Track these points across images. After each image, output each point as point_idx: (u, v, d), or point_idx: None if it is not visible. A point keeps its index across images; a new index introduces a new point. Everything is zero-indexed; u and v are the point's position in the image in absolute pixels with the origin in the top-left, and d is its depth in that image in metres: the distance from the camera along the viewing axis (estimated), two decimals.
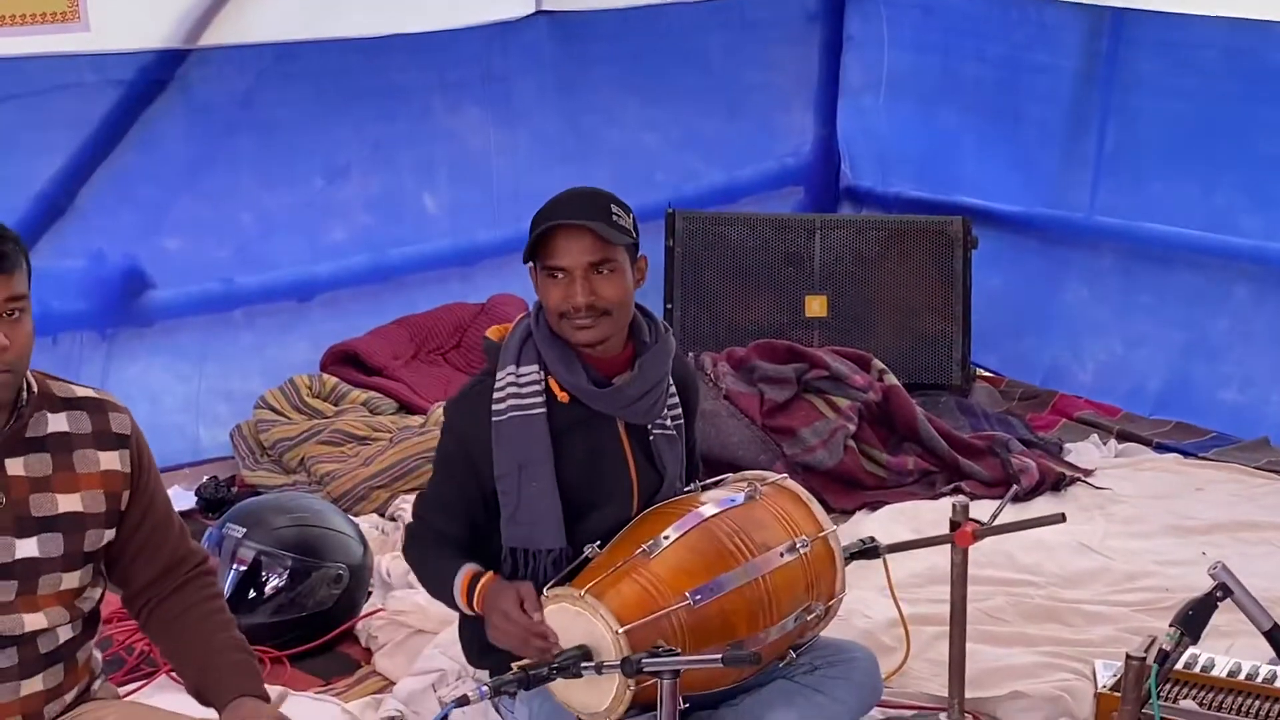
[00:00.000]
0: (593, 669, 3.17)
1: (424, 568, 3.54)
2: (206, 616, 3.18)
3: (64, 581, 3.02)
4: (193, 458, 5.64)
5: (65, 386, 3.09)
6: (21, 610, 2.97)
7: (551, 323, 3.43)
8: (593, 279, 3.37)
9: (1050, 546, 4.77)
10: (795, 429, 5.36)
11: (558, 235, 3.36)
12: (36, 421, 3.00)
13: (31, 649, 3.00)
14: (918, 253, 6.32)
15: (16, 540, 2.96)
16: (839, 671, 3.59)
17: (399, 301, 6.25)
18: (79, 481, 3.03)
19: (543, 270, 3.39)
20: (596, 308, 3.38)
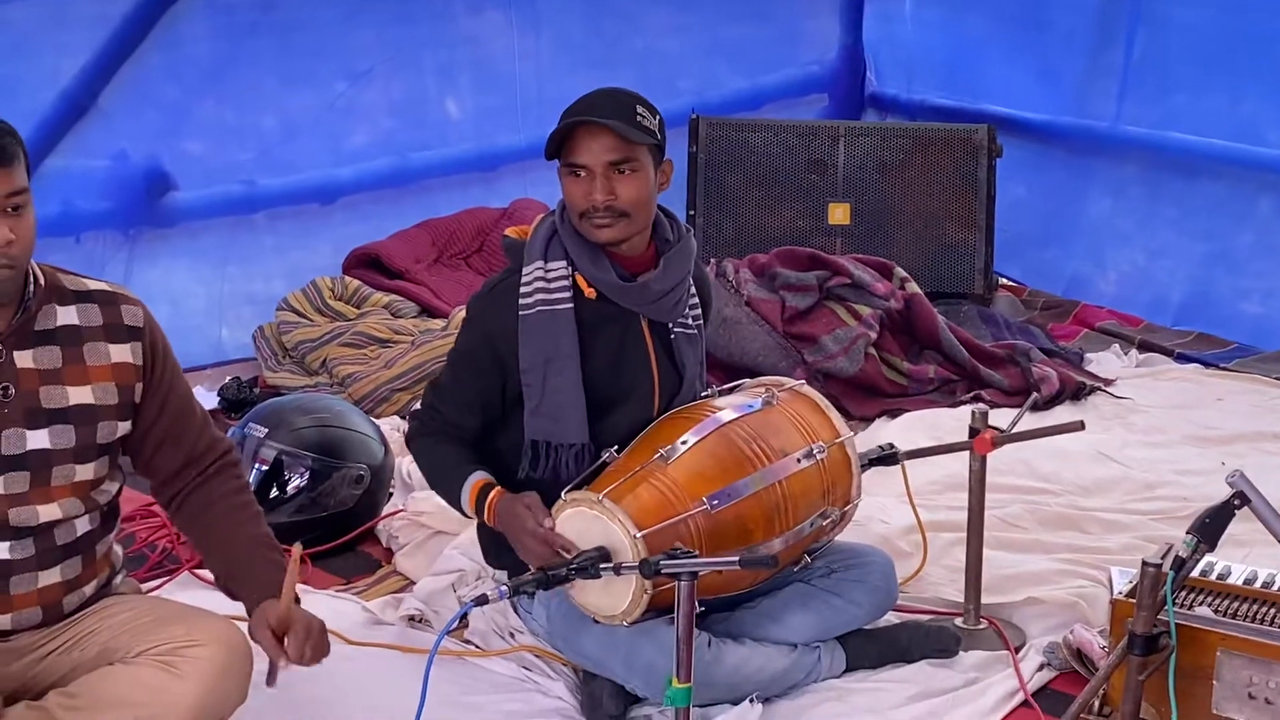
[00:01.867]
0: (611, 570, 3.20)
1: (430, 460, 3.55)
2: (234, 510, 3.21)
3: (77, 473, 3.04)
4: (215, 359, 5.67)
5: (77, 280, 3.10)
6: (35, 501, 3.00)
7: (574, 221, 3.43)
8: (613, 178, 3.37)
9: (1069, 455, 4.77)
10: (816, 336, 5.36)
11: (579, 133, 3.36)
12: (45, 314, 3.02)
13: (48, 540, 3.03)
14: (942, 161, 6.29)
15: (27, 431, 2.98)
16: (855, 575, 3.62)
17: (421, 205, 6.25)
18: (89, 373, 3.04)
19: (564, 167, 3.40)
20: (615, 208, 3.38)
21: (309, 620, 3.06)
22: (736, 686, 3.44)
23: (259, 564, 3.15)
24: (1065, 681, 3.62)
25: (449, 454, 3.52)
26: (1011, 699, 3.56)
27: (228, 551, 3.18)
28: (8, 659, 3.07)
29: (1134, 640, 3.06)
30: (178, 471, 3.20)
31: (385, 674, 3.61)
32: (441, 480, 3.54)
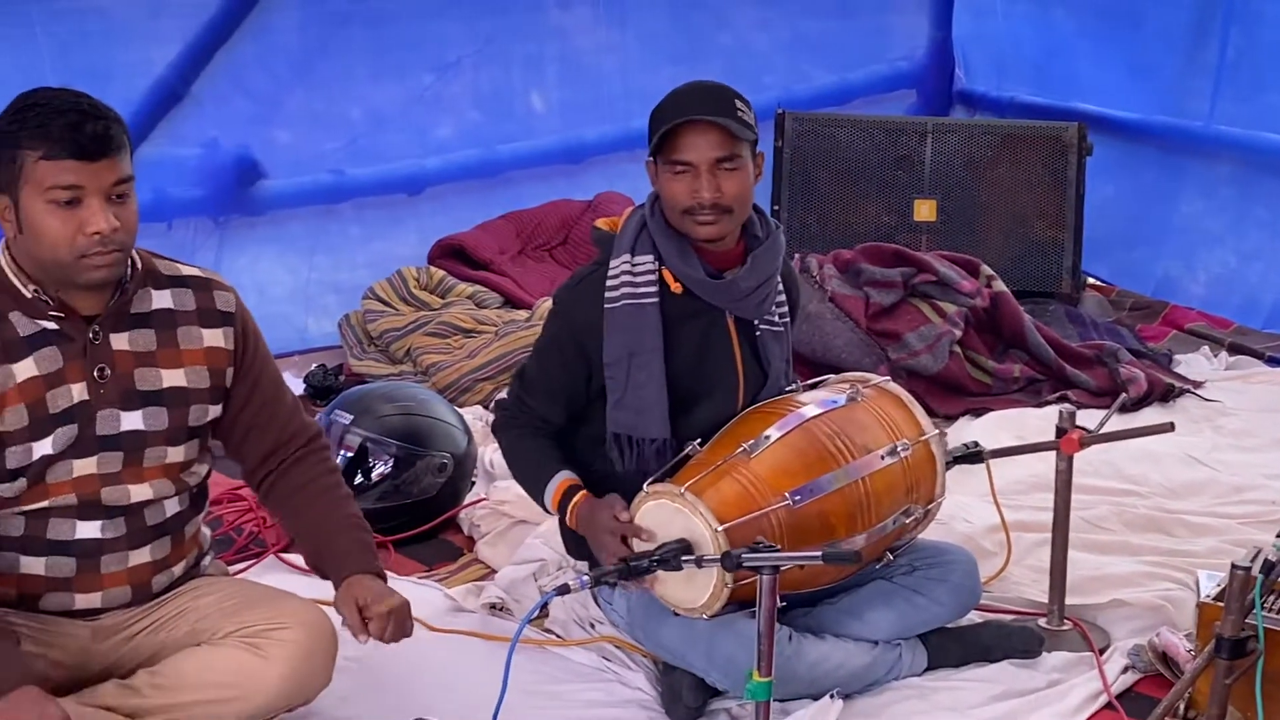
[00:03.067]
0: (692, 563, 3.20)
1: (516, 453, 3.57)
2: (324, 492, 3.24)
3: (169, 455, 3.08)
4: (301, 346, 5.72)
5: (171, 265, 3.14)
6: (127, 481, 3.04)
7: (672, 218, 3.43)
8: (718, 175, 3.36)
9: (1157, 457, 4.73)
10: (900, 333, 5.33)
11: (685, 130, 3.35)
12: (141, 298, 3.06)
13: (138, 520, 3.07)
14: (1031, 158, 6.25)
15: (122, 413, 3.02)
16: (938, 574, 3.60)
17: (506, 197, 6.28)
18: (182, 357, 3.08)
19: (666, 165, 3.39)
20: (720, 205, 3.38)
21: (394, 598, 3.08)
22: (816, 682, 3.44)
23: (348, 543, 3.18)
24: (1150, 685, 3.58)
25: (535, 448, 3.53)
26: (1095, 701, 3.53)
27: (318, 532, 3.21)
28: (97, 638, 3.12)
29: (1221, 644, 3.02)
30: (268, 455, 3.23)
31: (466, 661, 3.63)
32: (526, 475, 3.55)
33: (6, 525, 3.01)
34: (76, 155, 2.85)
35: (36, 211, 2.88)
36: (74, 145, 2.85)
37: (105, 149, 2.87)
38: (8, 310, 2.96)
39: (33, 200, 2.88)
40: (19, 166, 2.87)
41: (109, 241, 2.89)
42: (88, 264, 2.90)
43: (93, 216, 2.87)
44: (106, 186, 2.88)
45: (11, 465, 2.96)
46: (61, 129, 2.85)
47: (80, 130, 2.85)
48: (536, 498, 3.52)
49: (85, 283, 2.94)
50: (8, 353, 2.95)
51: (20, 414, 2.95)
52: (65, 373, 2.98)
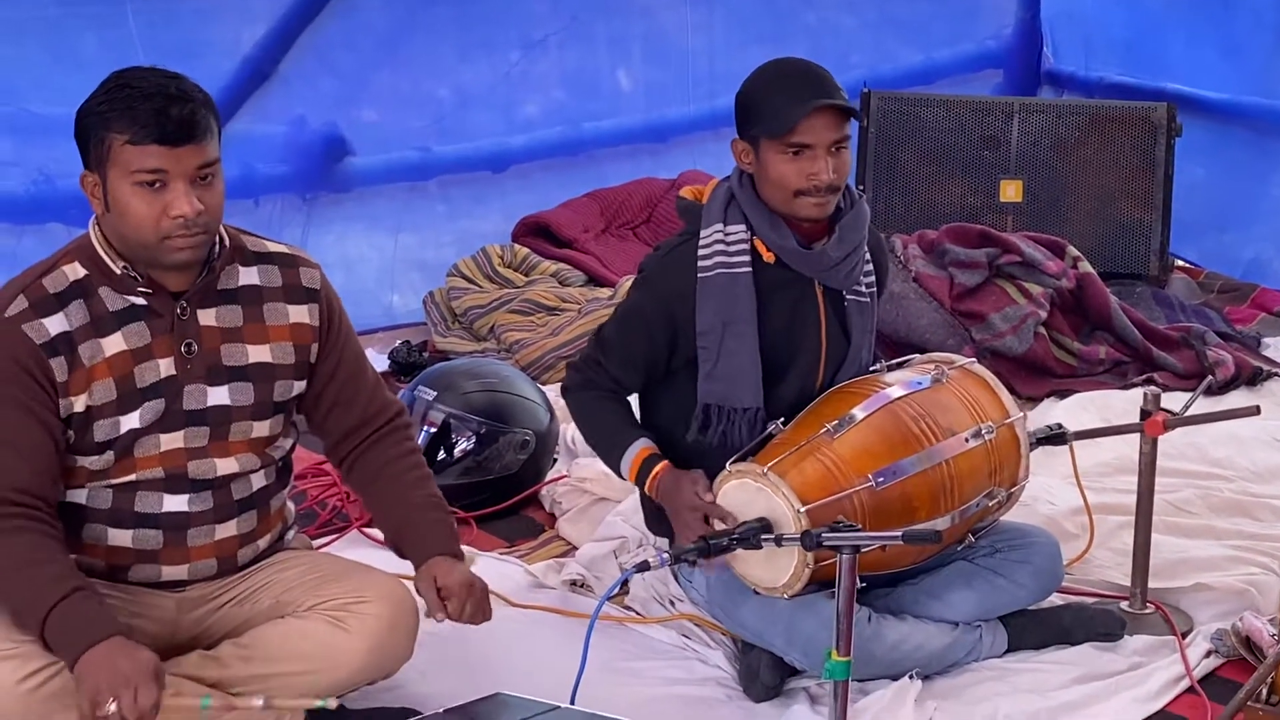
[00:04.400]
0: (772, 541, 3.20)
1: (590, 416, 3.56)
2: (405, 471, 3.27)
3: (254, 430, 3.12)
4: (386, 323, 5.76)
5: (258, 241, 3.17)
6: (214, 455, 3.09)
7: (777, 198, 3.42)
8: (833, 156, 3.36)
9: (1243, 441, 4.67)
10: (985, 314, 5.31)
11: (809, 115, 3.34)
12: (228, 274, 3.09)
13: (225, 494, 3.11)
14: (1119, 139, 6.18)
15: (208, 388, 3.06)
16: (1019, 556, 3.59)
17: (591, 176, 6.29)
18: (269, 333, 3.12)
19: (780, 146, 3.37)
20: (834, 185, 3.38)
21: (472, 581, 3.11)
22: (896, 663, 3.43)
23: (428, 524, 3.21)
24: (1232, 669, 3.55)
25: (612, 412, 3.53)
26: (1177, 685, 3.50)
27: (398, 511, 3.24)
28: (183, 609, 3.16)
29: None
30: (350, 432, 3.26)
31: (546, 636, 3.65)
32: (601, 438, 3.56)
33: (95, 498, 3.06)
34: (161, 140, 2.88)
35: (122, 192, 2.92)
36: (158, 130, 2.88)
37: (190, 134, 2.90)
38: (97, 285, 3.00)
39: (119, 181, 2.92)
40: (106, 147, 2.91)
41: (193, 224, 2.92)
42: (171, 245, 2.94)
43: (176, 200, 2.90)
44: (190, 171, 2.91)
45: (99, 438, 3.01)
46: (147, 114, 2.88)
47: (165, 115, 2.88)
48: (611, 462, 3.52)
49: (170, 263, 2.98)
50: (97, 327, 2.99)
51: (108, 388, 2.99)
52: (153, 348, 3.03)
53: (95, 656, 2.83)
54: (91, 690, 2.80)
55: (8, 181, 5.12)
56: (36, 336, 2.95)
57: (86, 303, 2.99)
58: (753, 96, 3.43)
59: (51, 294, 2.98)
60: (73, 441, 3.01)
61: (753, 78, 3.46)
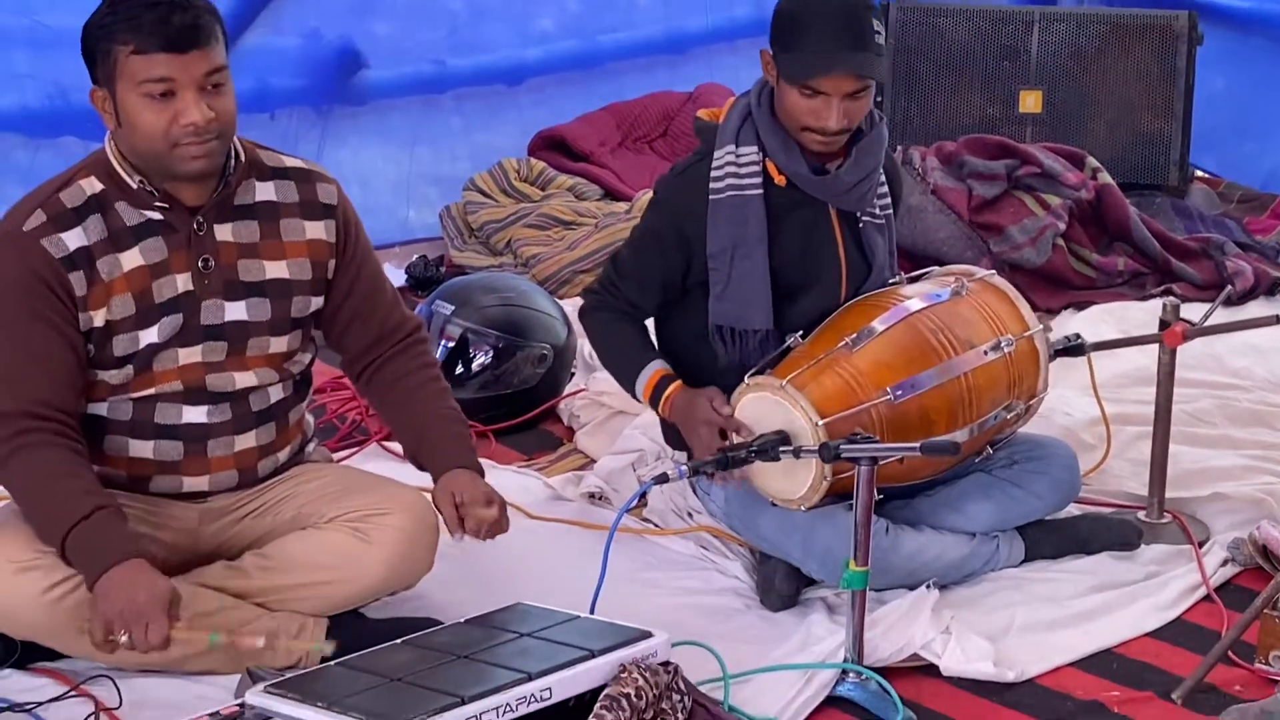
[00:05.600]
0: (790, 453, 3.21)
1: (606, 337, 3.57)
2: (423, 385, 3.27)
3: (272, 345, 3.13)
4: (402, 237, 5.75)
5: (274, 156, 3.17)
6: (232, 369, 3.10)
7: (786, 122, 3.39)
8: (847, 104, 3.33)
9: (1262, 351, 4.66)
10: (1003, 226, 5.29)
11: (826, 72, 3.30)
12: (245, 189, 3.09)
13: (244, 405, 3.13)
14: (1139, 49, 6.12)
15: (226, 303, 3.07)
16: (1037, 467, 3.59)
17: (607, 89, 6.25)
18: (286, 249, 3.12)
19: (797, 84, 3.33)
20: (845, 130, 3.36)
21: (490, 496, 3.12)
22: (913, 573, 3.45)
23: (446, 437, 3.22)
24: (1249, 578, 3.56)
25: (627, 334, 3.53)
26: (1193, 593, 3.52)
27: (416, 425, 3.25)
28: (206, 520, 3.19)
29: None
30: (368, 347, 3.27)
31: (565, 549, 3.67)
32: (616, 360, 3.56)
33: (115, 410, 3.08)
34: (166, 48, 2.87)
35: (132, 104, 2.91)
36: (163, 38, 2.87)
37: (195, 40, 2.89)
38: (114, 200, 3.00)
39: (128, 93, 2.91)
40: (113, 60, 2.90)
41: (204, 132, 2.92)
42: (183, 154, 2.93)
43: (186, 108, 2.90)
44: (199, 77, 2.91)
45: (119, 353, 3.02)
46: (151, 22, 2.87)
47: (168, 23, 2.87)
48: (626, 384, 3.53)
49: (183, 173, 2.98)
50: (115, 242, 2.99)
51: (127, 303, 3.00)
52: (170, 263, 3.03)
53: (113, 580, 2.85)
54: (105, 618, 2.83)
55: (23, 95, 5.10)
56: (55, 251, 2.95)
57: (104, 217, 2.99)
58: (790, 20, 3.36)
59: (69, 209, 2.98)
60: (92, 356, 3.02)
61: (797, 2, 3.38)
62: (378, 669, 2.81)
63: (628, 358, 3.53)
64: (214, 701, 2.89)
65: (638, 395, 3.50)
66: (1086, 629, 3.38)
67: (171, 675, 3.07)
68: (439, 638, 2.97)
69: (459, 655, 2.86)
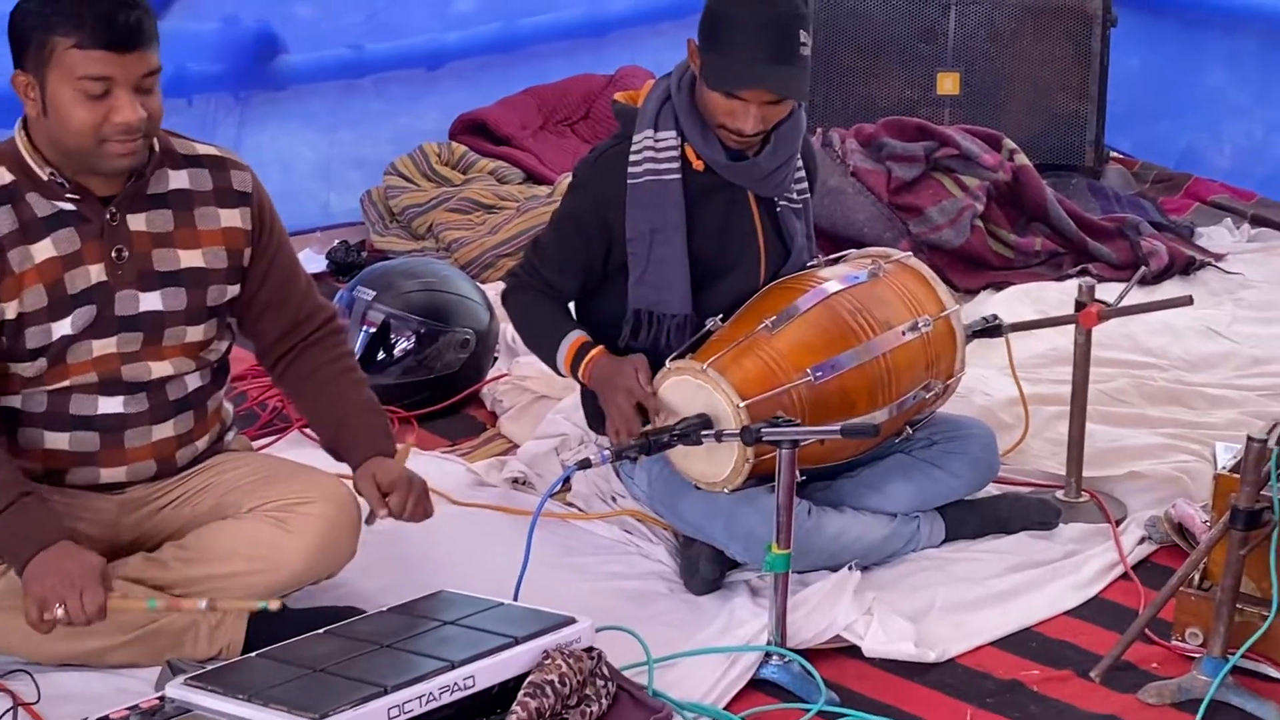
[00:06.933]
0: (712, 437, 3.23)
1: (527, 315, 3.59)
2: (339, 375, 3.26)
3: (188, 334, 3.11)
4: (323, 222, 5.71)
5: (187, 144, 3.14)
6: (148, 359, 3.08)
7: (706, 117, 3.40)
8: (766, 110, 3.34)
9: (1177, 330, 4.72)
10: (922, 207, 5.32)
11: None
12: (158, 178, 3.07)
13: (160, 395, 3.11)
14: (1054, 31, 6.16)
15: (140, 293, 3.05)
16: (956, 447, 3.62)
17: (528, 72, 6.22)
18: (200, 237, 3.10)
19: (720, 89, 3.33)
20: (760, 133, 3.38)
21: (413, 478, 3.12)
22: (835, 554, 3.47)
23: (364, 427, 3.21)
24: (1166, 555, 3.61)
25: (547, 310, 3.54)
26: (1111, 571, 3.56)
27: (334, 415, 3.24)
28: (124, 511, 3.16)
29: (1236, 515, 3.05)
30: (282, 335, 3.25)
31: (489, 534, 3.67)
32: (537, 335, 3.57)
33: (29, 402, 3.05)
34: (109, 46, 2.84)
35: (64, 98, 2.88)
36: (107, 36, 2.84)
37: (137, 40, 2.87)
38: (25, 191, 2.97)
39: (60, 86, 2.88)
40: (49, 51, 2.86)
41: (135, 131, 2.90)
42: (110, 151, 2.91)
43: (121, 108, 2.87)
44: (136, 78, 2.89)
45: (31, 345, 2.99)
46: (96, 18, 2.84)
47: (114, 21, 2.84)
48: (547, 358, 3.54)
49: (107, 169, 2.96)
50: (26, 233, 2.96)
51: (39, 294, 2.97)
52: (83, 254, 3.00)
53: (42, 562, 2.84)
54: (38, 595, 2.82)
55: None
56: None
57: (14, 209, 2.96)
58: (720, 22, 3.34)
59: None
60: (5, 348, 2.99)
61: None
62: (300, 659, 2.80)
63: (548, 331, 3.53)
64: (134, 695, 2.87)
65: (559, 366, 3.51)
66: (1006, 609, 3.42)
67: (91, 669, 3.05)
68: (361, 627, 2.96)
69: (381, 644, 2.86)
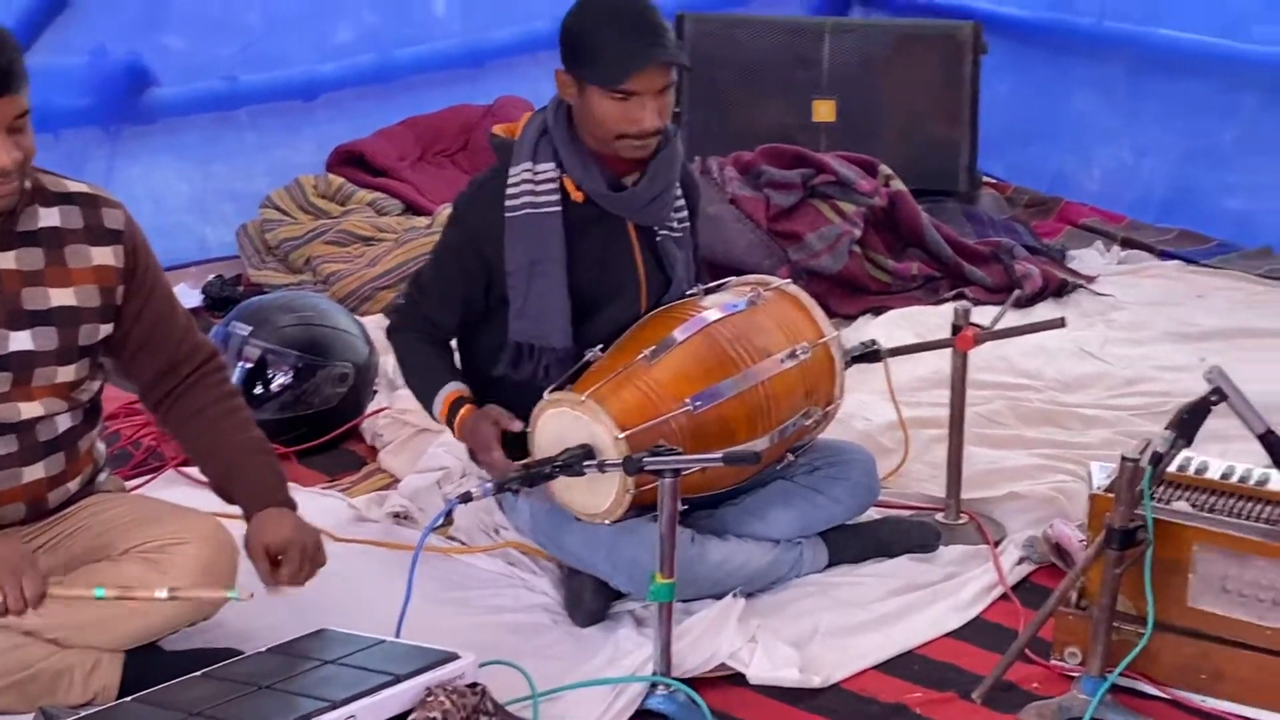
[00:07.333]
0: (594, 467, 3.22)
1: (409, 358, 3.58)
2: (225, 415, 3.22)
3: (59, 374, 3.05)
4: (199, 257, 5.65)
5: (58, 181, 3.10)
6: (17, 400, 3.02)
7: (596, 136, 3.40)
8: (659, 101, 3.36)
9: (1051, 352, 4.79)
10: (801, 234, 5.36)
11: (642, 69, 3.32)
12: (28, 216, 3.02)
13: (30, 436, 3.05)
14: (927, 58, 6.25)
15: (10, 333, 2.99)
16: (837, 472, 3.64)
17: (405, 102, 6.21)
18: (71, 276, 3.05)
19: (606, 90, 3.35)
20: (659, 130, 3.38)
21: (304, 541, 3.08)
22: (719, 582, 3.47)
23: (253, 469, 3.17)
24: (1044, 575, 3.65)
25: (429, 356, 3.54)
26: (990, 592, 3.60)
27: (222, 458, 3.20)
28: None
29: (1111, 534, 3.09)
30: (161, 375, 3.20)
31: (371, 570, 3.63)
32: (417, 381, 3.57)
33: None
34: None
35: None
36: None
37: (8, 85, 2.83)
38: None
39: None
40: None
41: (8, 173, 2.86)
42: None
43: None
44: (8, 120, 2.85)
45: None
46: None
47: None
48: (425, 404, 3.54)
49: None
50: None
51: None
52: None
53: None
54: None
55: None
56: None
57: None
58: (584, 35, 3.38)
59: None
60: None
61: (583, 11, 3.41)
62: (176, 704, 2.76)
63: (427, 379, 3.53)
64: None
65: (435, 416, 3.51)
66: (889, 632, 3.45)
67: None
68: (240, 668, 2.93)
69: (261, 686, 2.82)
